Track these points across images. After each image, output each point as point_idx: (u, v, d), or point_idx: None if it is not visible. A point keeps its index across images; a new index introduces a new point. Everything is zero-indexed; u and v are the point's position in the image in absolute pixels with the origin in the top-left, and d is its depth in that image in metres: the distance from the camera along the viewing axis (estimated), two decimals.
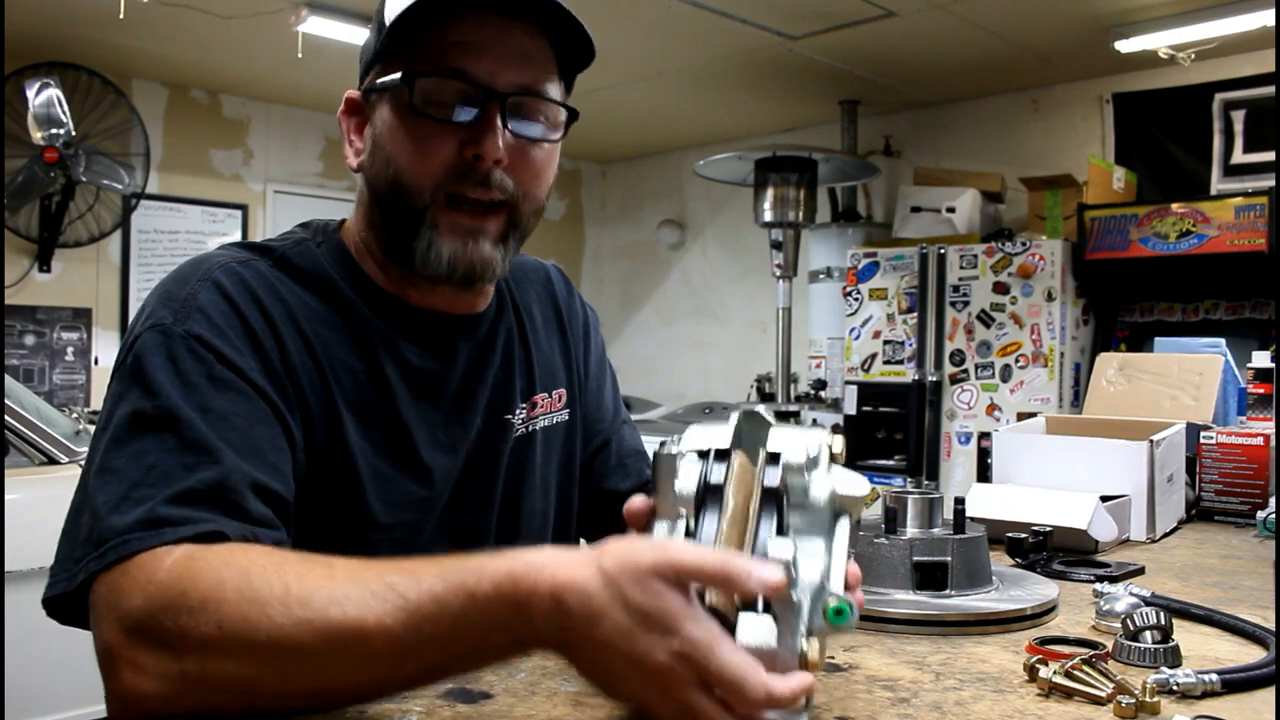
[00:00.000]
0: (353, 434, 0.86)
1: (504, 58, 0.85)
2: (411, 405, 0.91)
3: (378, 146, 0.89)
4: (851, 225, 4.69)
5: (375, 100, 0.89)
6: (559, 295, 1.11)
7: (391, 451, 0.89)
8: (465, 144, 0.85)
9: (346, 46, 3.90)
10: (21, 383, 3.62)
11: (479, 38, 0.85)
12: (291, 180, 5.17)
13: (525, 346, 1.03)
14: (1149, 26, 3.58)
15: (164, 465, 0.73)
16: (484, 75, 0.84)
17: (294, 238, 0.93)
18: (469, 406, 0.95)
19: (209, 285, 0.82)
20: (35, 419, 2.43)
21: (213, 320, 0.80)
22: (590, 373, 1.12)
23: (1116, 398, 1.92)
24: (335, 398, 0.86)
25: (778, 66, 4.26)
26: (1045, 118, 4.47)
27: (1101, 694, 0.72)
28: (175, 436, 0.74)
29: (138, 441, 0.74)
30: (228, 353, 0.79)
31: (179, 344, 0.78)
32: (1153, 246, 3.63)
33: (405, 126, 0.86)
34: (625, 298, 6.30)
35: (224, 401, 0.77)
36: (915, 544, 1.00)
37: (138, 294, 4.68)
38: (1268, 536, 1.50)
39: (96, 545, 0.69)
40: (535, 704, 0.72)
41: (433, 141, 0.85)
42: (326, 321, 0.88)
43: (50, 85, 3.74)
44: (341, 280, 0.90)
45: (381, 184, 0.88)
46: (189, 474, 0.72)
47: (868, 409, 4.12)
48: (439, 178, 0.85)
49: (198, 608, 0.64)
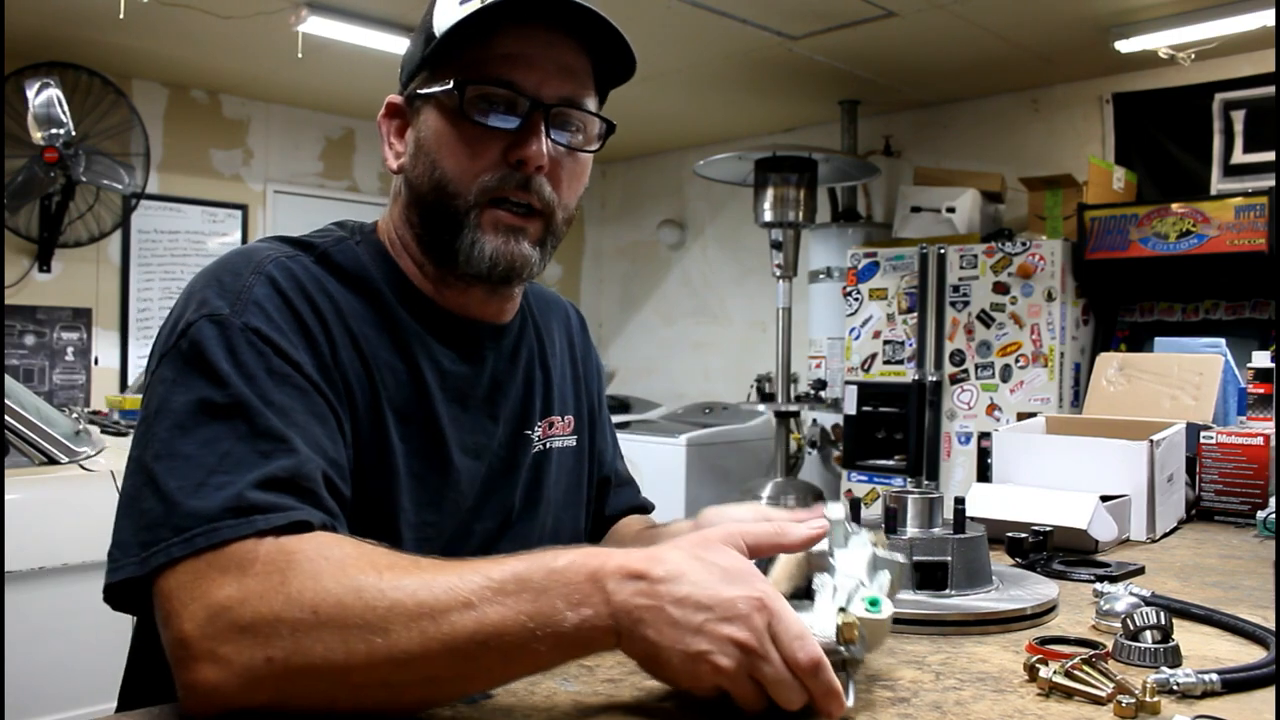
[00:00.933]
0: (394, 432, 0.88)
1: (549, 70, 0.89)
2: (445, 407, 0.92)
3: (422, 150, 0.91)
4: (851, 225, 4.69)
5: (420, 106, 0.92)
6: (575, 332, 1.16)
7: (426, 452, 0.90)
8: (510, 149, 0.88)
9: (346, 46, 3.91)
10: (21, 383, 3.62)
11: (526, 50, 0.88)
12: (291, 180, 5.17)
13: (545, 368, 1.06)
14: (1149, 26, 3.58)
15: (238, 452, 0.72)
16: (530, 86, 0.88)
17: (334, 235, 0.94)
18: (493, 414, 0.98)
19: (263, 279, 0.83)
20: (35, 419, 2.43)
21: (269, 314, 0.80)
22: (601, 410, 1.17)
23: (1116, 398, 1.92)
24: (380, 395, 0.87)
25: (778, 66, 4.26)
26: (1045, 118, 4.47)
27: (1101, 694, 0.72)
28: (247, 424, 0.74)
29: (207, 428, 0.73)
30: (285, 347, 0.79)
31: (238, 336, 0.78)
32: (1153, 246, 3.63)
33: (452, 131, 0.89)
34: (625, 298, 6.30)
35: (283, 396, 0.77)
36: (915, 544, 1.00)
37: (138, 294, 4.68)
38: (1268, 536, 1.50)
39: (177, 531, 0.68)
40: (535, 704, 0.72)
41: (478, 146, 0.88)
42: (368, 320, 0.89)
43: (50, 85, 3.74)
44: (380, 279, 0.92)
45: (425, 185, 0.91)
46: (267, 461, 0.72)
47: (868, 409, 4.12)
48: (483, 180, 0.89)
49: (295, 595, 0.64)
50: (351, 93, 4.81)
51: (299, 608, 0.64)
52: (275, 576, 0.65)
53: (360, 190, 5.39)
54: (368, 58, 4.02)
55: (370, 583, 0.65)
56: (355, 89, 4.71)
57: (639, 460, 4.29)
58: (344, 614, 0.64)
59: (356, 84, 4.59)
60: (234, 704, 0.64)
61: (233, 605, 0.65)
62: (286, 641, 0.63)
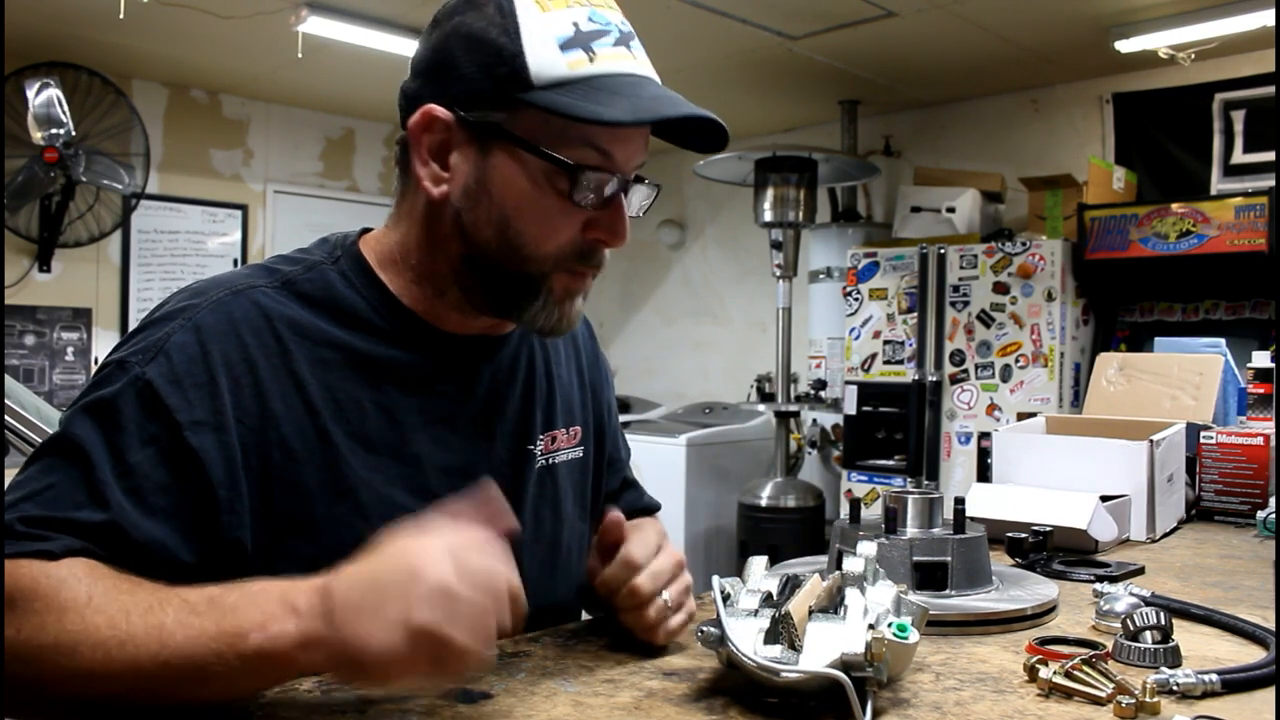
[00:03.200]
0: (358, 468, 0.85)
1: (639, 144, 0.87)
2: (424, 431, 0.89)
3: (489, 197, 0.84)
4: (851, 225, 4.69)
5: (488, 141, 0.84)
6: (581, 341, 1.12)
7: (404, 480, 0.87)
8: (591, 226, 0.85)
9: (346, 46, 3.90)
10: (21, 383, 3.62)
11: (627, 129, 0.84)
12: (291, 180, 5.17)
13: (548, 379, 1.02)
14: (1149, 26, 3.58)
15: (60, 489, 0.75)
16: (622, 161, 0.85)
17: (308, 260, 0.90)
18: (488, 432, 0.94)
19: (189, 328, 0.81)
20: (35, 419, 2.42)
21: (173, 365, 0.80)
22: (612, 417, 1.15)
23: (1116, 398, 1.92)
24: (331, 434, 0.84)
25: (778, 66, 4.26)
26: (1045, 118, 4.47)
27: (1101, 694, 0.72)
28: (82, 473, 0.75)
29: (53, 458, 0.77)
30: (173, 404, 0.78)
31: (127, 388, 0.78)
32: (1153, 246, 3.63)
33: (540, 198, 0.83)
34: (625, 298, 6.30)
35: (139, 457, 0.77)
36: (915, 544, 1.00)
37: (138, 294, 4.68)
38: (1268, 536, 1.50)
39: None
40: (535, 704, 0.72)
41: (565, 219, 0.84)
42: (333, 346, 0.86)
43: (50, 85, 3.74)
44: (358, 299, 0.89)
45: (491, 238, 0.85)
46: (74, 510, 0.74)
47: (868, 409, 4.12)
48: (563, 255, 0.85)
49: (9, 610, 0.68)
50: (351, 93, 4.81)
51: (9, 621, 0.67)
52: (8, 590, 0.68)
53: (360, 190, 5.39)
54: (368, 58, 4.01)
55: (73, 606, 0.68)
56: (355, 89, 4.71)
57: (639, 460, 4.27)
58: (40, 637, 0.67)
59: (356, 84, 4.59)
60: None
61: None
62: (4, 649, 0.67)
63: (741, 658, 0.70)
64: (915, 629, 0.72)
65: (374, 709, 0.70)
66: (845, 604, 0.73)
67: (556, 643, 0.88)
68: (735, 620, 0.74)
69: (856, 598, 0.73)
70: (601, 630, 0.93)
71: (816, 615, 0.72)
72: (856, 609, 0.72)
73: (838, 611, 0.73)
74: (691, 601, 0.92)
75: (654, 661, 0.83)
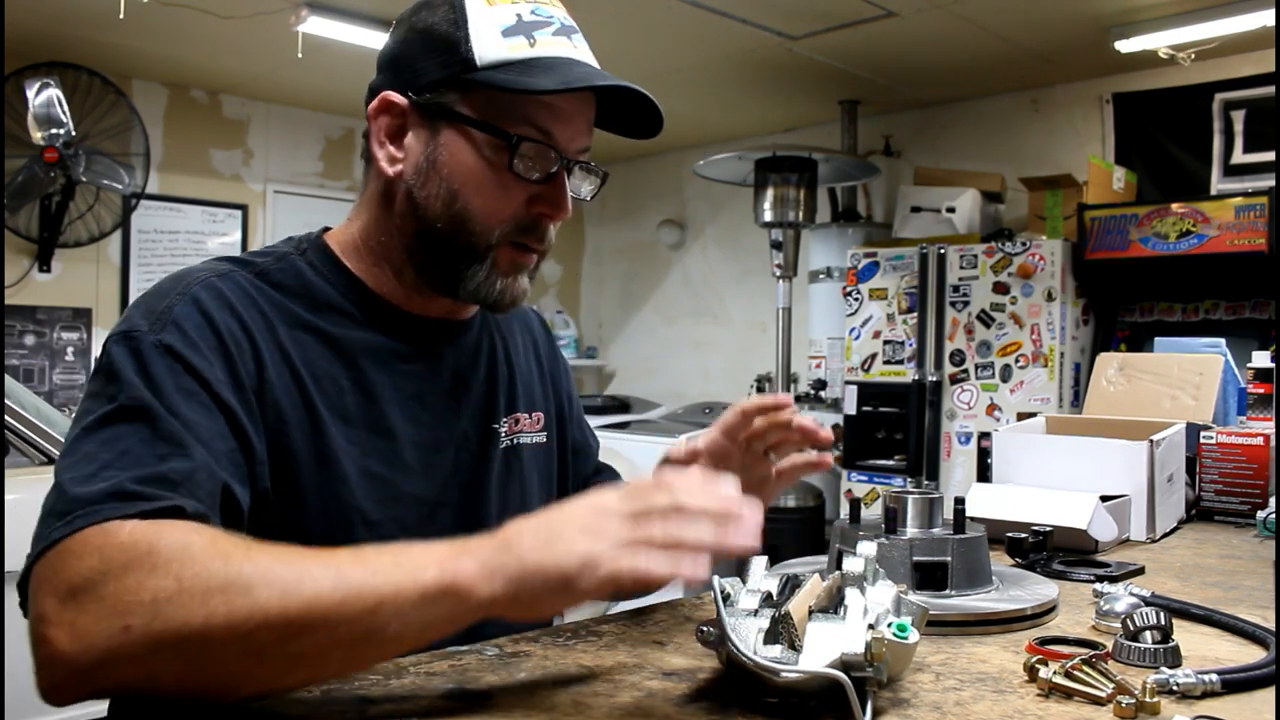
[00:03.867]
0: (338, 439, 0.88)
1: (580, 126, 0.92)
2: (398, 406, 0.93)
3: (438, 174, 0.90)
4: (851, 225, 4.69)
5: (440, 124, 0.90)
6: (537, 334, 1.18)
7: (378, 452, 0.91)
8: (535, 201, 0.91)
9: (346, 46, 3.90)
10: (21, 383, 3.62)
11: (570, 106, 0.90)
12: (291, 180, 5.17)
13: (509, 365, 1.07)
14: (1149, 26, 3.58)
15: (136, 451, 0.74)
16: (564, 140, 0.91)
17: (276, 253, 0.95)
18: (455, 409, 0.99)
19: (186, 299, 0.84)
20: (35, 419, 2.43)
21: (185, 332, 0.82)
22: (573, 406, 1.19)
23: (1116, 398, 1.92)
24: (316, 405, 0.88)
25: (778, 66, 4.26)
26: (1045, 118, 4.47)
27: (1101, 694, 0.72)
28: (149, 428, 0.75)
29: (111, 429, 0.75)
30: (196, 363, 0.80)
31: (150, 351, 0.80)
32: (1153, 246, 3.63)
33: (486, 172, 0.90)
34: (625, 298, 6.30)
35: (189, 410, 0.78)
36: (915, 544, 1.00)
37: (138, 294, 4.66)
38: (1268, 536, 1.50)
39: (62, 516, 0.69)
40: (535, 704, 0.72)
41: (508, 193, 0.90)
42: (309, 329, 0.90)
43: (50, 85, 3.74)
44: (326, 285, 0.93)
45: (439, 212, 0.91)
46: (161, 462, 0.74)
47: (868, 409, 4.12)
48: (506, 227, 0.91)
49: (160, 565, 0.65)
50: (351, 93, 4.81)
51: (162, 575, 0.64)
52: (141, 548, 0.66)
53: None
54: (368, 58, 3.98)
55: (237, 552, 0.66)
56: (355, 89, 4.67)
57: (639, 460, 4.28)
58: (207, 578, 0.64)
59: (356, 84, 4.56)
60: (93, 680, 0.64)
61: (94, 577, 0.65)
62: (147, 609, 0.63)
63: (741, 658, 0.70)
64: (915, 629, 0.72)
65: (374, 709, 0.70)
66: (845, 604, 0.73)
67: (556, 643, 0.88)
68: (735, 620, 0.74)
69: (856, 598, 0.74)
70: (601, 630, 0.93)
71: (816, 615, 0.72)
72: (856, 609, 0.72)
73: (838, 611, 0.73)
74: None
75: (654, 661, 0.83)
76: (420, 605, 0.65)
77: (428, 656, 0.82)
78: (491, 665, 0.80)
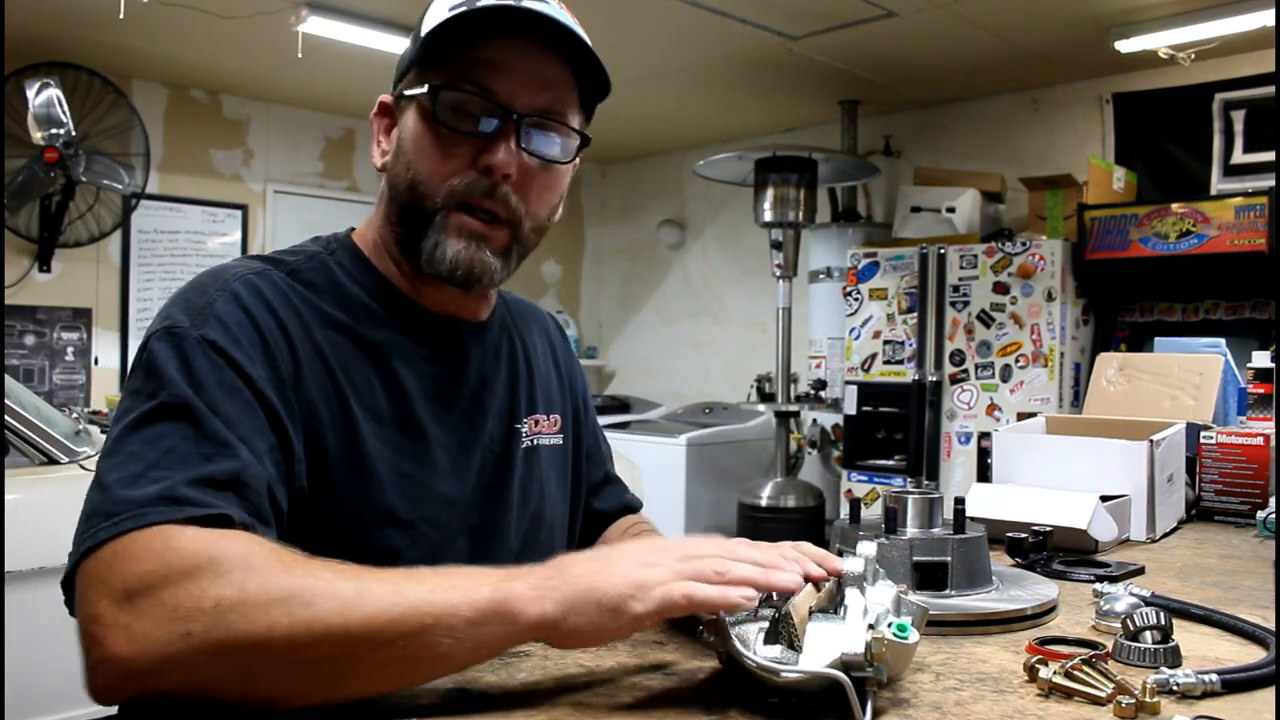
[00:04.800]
0: (370, 438, 0.88)
1: (525, 80, 0.90)
2: (426, 407, 0.94)
3: (401, 150, 0.93)
4: (851, 225, 4.69)
5: (404, 106, 0.93)
6: (555, 339, 1.18)
7: (410, 451, 0.91)
8: (479, 154, 0.89)
9: (346, 46, 3.91)
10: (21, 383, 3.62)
11: (506, 58, 0.89)
12: (291, 180, 5.17)
13: (528, 367, 1.08)
14: (1149, 26, 3.58)
15: (181, 450, 0.73)
16: (504, 94, 0.89)
17: (306, 251, 0.96)
18: (480, 410, 0.99)
19: (227, 295, 0.84)
20: (35, 419, 2.43)
21: (227, 327, 0.82)
22: (588, 411, 1.20)
23: (1116, 398, 1.92)
24: (350, 404, 0.88)
25: (778, 66, 4.26)
26: (1045, 118, 4.47)
27: (1101, 694, 0.72)
28: (193, 426, 0.75)
29: (154, 427, 0.75)
30: (239, 359, 0.81)
31: (193, 346, 0.79)
32: (1153, 246, 3.63)
33: (427, 134, 0.90)
34: (625, 298, 6.30)
35: (232, 407, 0.78)
36: (915, 544, 1.00)
37: (138, 294, 4.68)
38: (1268, 536, 1.50)
39: (108, 516, 0.69)
40: (535, 704, 0.72)
41: (450, 150, 0.90)
42: (340, 329, 0.91)
43: (50, 85, 3.74)
44: (355, 285, 0.94)
45: (400, 185, 0.92)
46: (207, 462, 0.73)
47: (868, 409, 4.12)
48: (452, 184, 0.90)
49: (223, 574, 0.65)
50: (351, 93, 4.81)
51: (225, 584, 0.64)
52: (203, 556, 0.66)
53: (360, 190, 5.39)
54: (368, 58, 4.01)
55: (298, 565, 0.67)
56: (355, 89, 4.70)
57: (639, 460, 4.28)
58: (270, 589, 0.65)
59: (356, 84, 4.59)
60: (146, 684, 0.64)
61: (155, 582, 0.65)
62: (209, 616, 0.63)
63: (742, 658, 0.70)
64: (915, 629, 0.72)
65: (374, 709, 0.70)
66: (845, 604, 0.73)
67: None
68: (735, 620, 0.74)
69: (856, 598, 0.74)
70: None
71: (816, 615, 0.72)
72: (856, 609, 0.72)
73: (838, 611, 0.73)
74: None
75: (654, 661, 0.83)
76: (474, 623, 0.66)
77: None
78: (491, 665, 0.80)
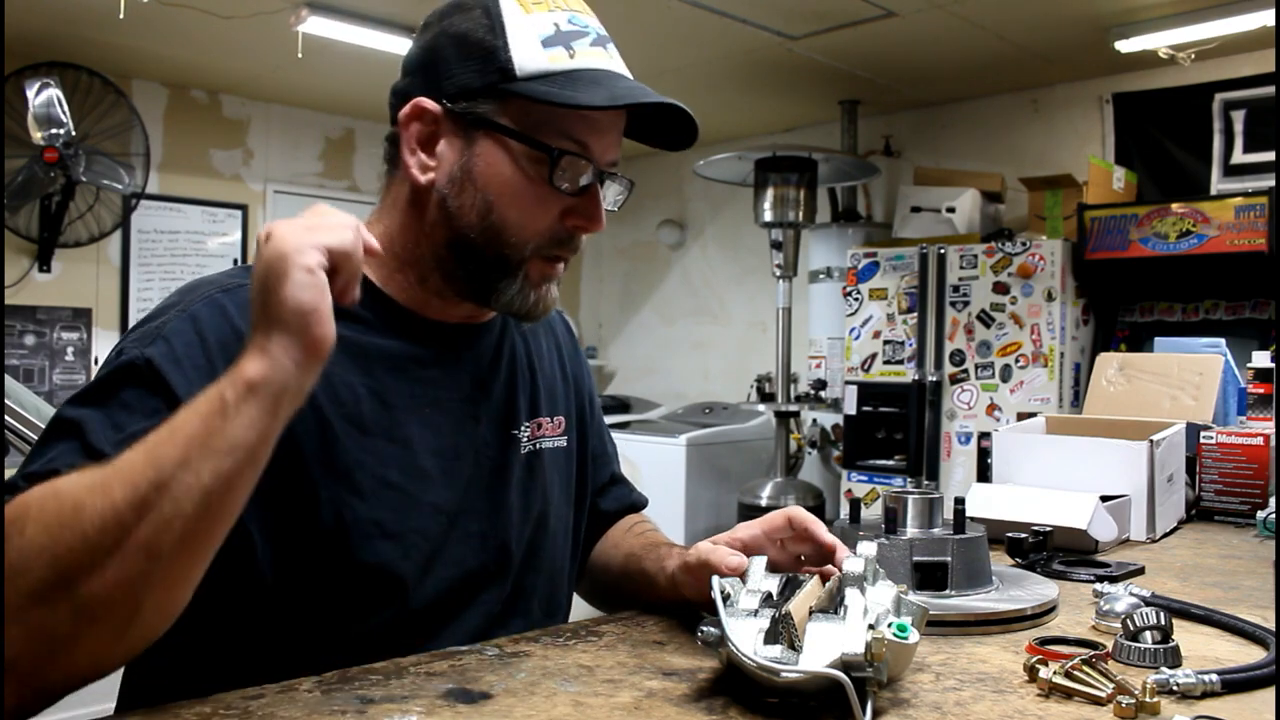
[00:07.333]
0: (352, 449, 0.87)
1: (612, 140, 0.93)
2: (414, 414, 0.92)
3: (474, 184, 0.90)
4: (851, 225, 4.69)
5: (475, 133, 0.89)
6: (560, 335, 1.16)
7: (396, 461, 0.90)
8: (569, 214, 0.91)
9: (346, 47, 3.90)
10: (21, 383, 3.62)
11: (606, 119, 0.90)
12: (292, 180, 5.17)
13: (531, 369, 1.06)
14: (1149, 26, 3.58)
15: (58, 459, 0.75)
16: (599, 153, 0.91)
17: None
18: (474, 414, 0.97)
19: (185, 316, 0.84)
20: (35, 419, 2.43)
21: (173, 348, 0.82)
22: (594, 412, 1.18)
23: (1116, 398, 1.92)
24: (328, 414, 0.87)
25: (778, 66, 4.26)
26: (1045, 118, 4.47)
27: (1101, 694, 0.72)
28: (79, 443, 0.76)
29: (47, 441, 0.78)
30: (173, 381, 0.80)
31: (128, 368, 0.80)
32: (1153, 246, 3.63)
33: (523, 183, 0.89)
34: (625, 298, 6.30)
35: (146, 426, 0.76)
36: (915, 544, 1.00)
37: (138, 294, 4.68)
38: (1268, 536, 1.50)
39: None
40: (535, 704, 0.72)
41: (544, 205, 0.90)
42: None
43: (50, 85, 3.74)
44: None
45: (473, 222, 0.90)
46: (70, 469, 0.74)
47: (868, 409, 4.12)
48: (541, 240, 0.91)
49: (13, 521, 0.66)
50: (351, 93, 4.81)
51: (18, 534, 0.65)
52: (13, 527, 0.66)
53: (360, 190, 5.38)
54: (368, 58, 4.01)
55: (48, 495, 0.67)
56: (355, 89, 4.70)
57: (639, 460, 4.28)
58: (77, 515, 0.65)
59: (356, 84, 4.59)
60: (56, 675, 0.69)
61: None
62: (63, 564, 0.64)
63: (741, 658, 0.70)
64: (915, 629, 0.72)
65: (374, 708, 0.70)
66: (845, 604, 0.73)
67: (556, 643, 0.88)
68: (735, 620, 0.74)
69: (856, 598, 0.74)
70: (601, 630, 0.93)
71: (816, 615, 0.72)
72: (856, 609, 0.72)
73: (838, 612, 0.73)
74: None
75: (654, 661, 0.83)
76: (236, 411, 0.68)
77: (428, 657, 0.82)
78: (491, 665, 0.80)
